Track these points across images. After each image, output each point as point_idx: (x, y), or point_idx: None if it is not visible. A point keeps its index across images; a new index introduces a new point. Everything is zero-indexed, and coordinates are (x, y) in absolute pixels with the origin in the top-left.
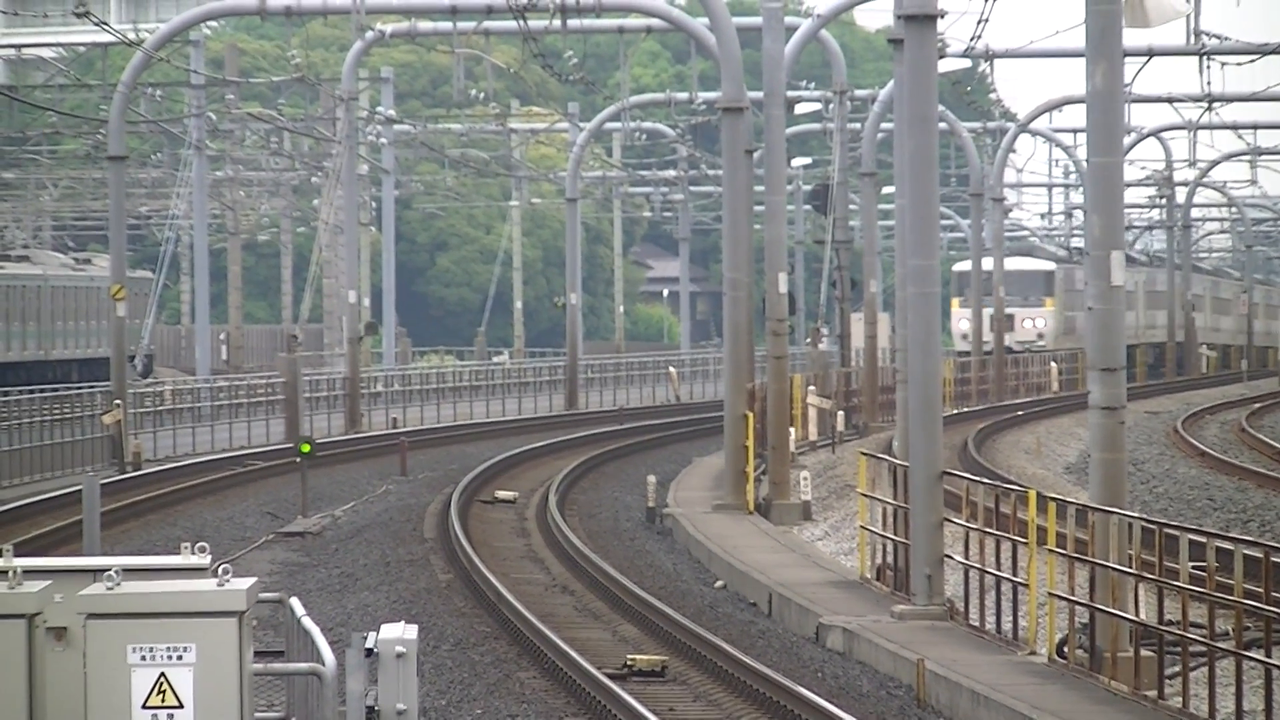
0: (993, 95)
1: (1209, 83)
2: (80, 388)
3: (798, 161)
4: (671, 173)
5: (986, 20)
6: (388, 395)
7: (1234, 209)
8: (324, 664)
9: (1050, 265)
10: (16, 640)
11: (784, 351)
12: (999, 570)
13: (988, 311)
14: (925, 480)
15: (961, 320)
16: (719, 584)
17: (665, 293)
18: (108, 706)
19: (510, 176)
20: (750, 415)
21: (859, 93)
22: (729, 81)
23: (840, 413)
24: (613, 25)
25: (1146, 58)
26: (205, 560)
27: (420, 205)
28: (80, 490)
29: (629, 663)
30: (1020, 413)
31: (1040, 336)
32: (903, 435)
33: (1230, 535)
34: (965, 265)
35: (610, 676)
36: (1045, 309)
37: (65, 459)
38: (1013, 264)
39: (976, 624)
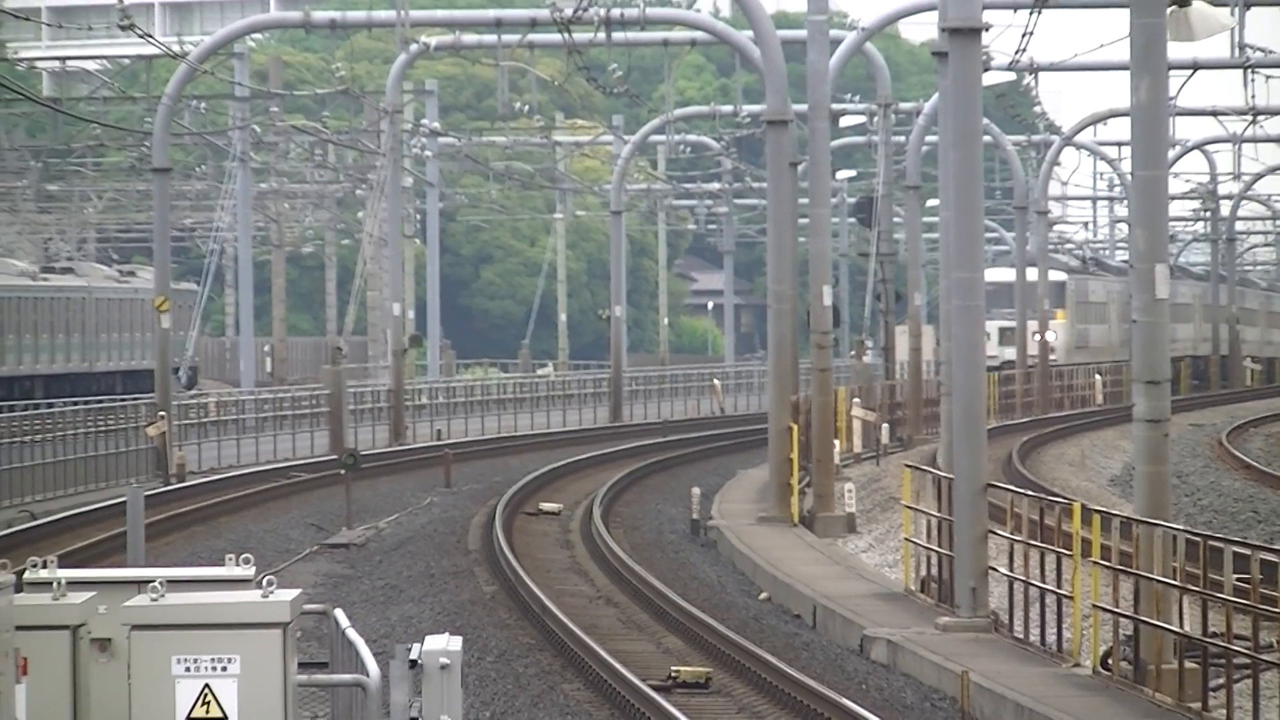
0: (1037, 108)
1: (1253, 96)
2: (125, 400)
3: (842, 174)
4: (716, 185)
5: (1031, 33)
6: (432, 407)
7: (1279, 222)
8: (368, 675)
9: (1061, 276)
10: (61, 652)
11: (828, 364)
12: (1043, 582)
13: (993, 325)
14: (969, 492)
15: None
16: (763, 596)
17: (710, 305)
18: (152, 718)
19: (554, 189)
20: (794, 428)
21: (903, 106)
22: (773, 94)
23: (885, 425)
24: (657, 38)
25: (1191, 71)
26: (249, 572)
27: (464, 218)
28: (124, 502)
29: (673, 674)
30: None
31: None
32: (947, 448)
33: (1275, 548)
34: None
35: (654, 688)
36: (1057, 321)
37: (109, 471)
38: (1004, 275)
39: (1021, 636)
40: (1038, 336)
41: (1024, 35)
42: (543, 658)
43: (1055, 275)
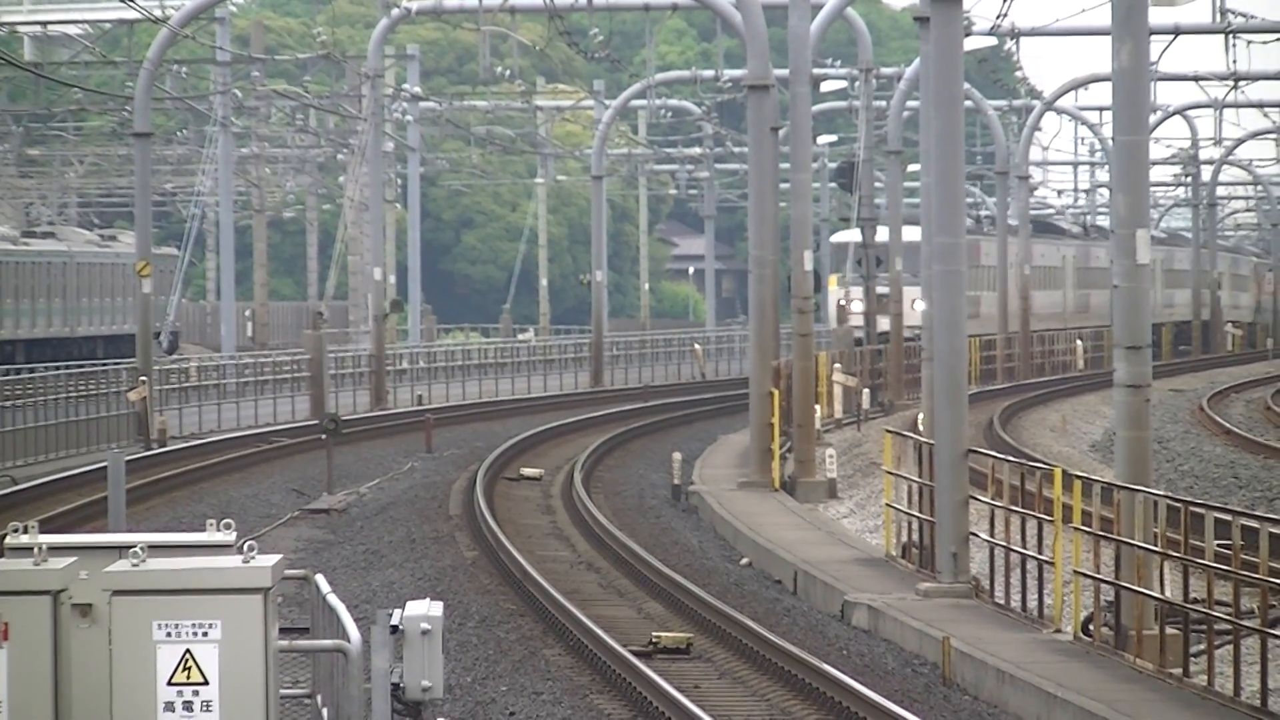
0: (1018, 73)
1: (1234, 61)
2: (105, 364)
3: (823, 139)
4: (697, 150)
5: None
6: (413, 372)
7: (1259, 187)
8: (349, 641)
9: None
10: (42, 617)
11: (809, 329)
12: (1024, 548)
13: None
14: (951, 458)
15: (840, 300)
16: (744, 561)
17: (690, 270)
18: (133, 683)
19: (536, 154)
20: (776, 393)
21: (885, 71)
22: (755, 59)
23: (866, 390)
24: (638, 2)
25: (1172, 36)
26: (230, 537)
27: (446, 182)
28: (105, 467)
29: (654, 640)
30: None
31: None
32: (928, 413)
33: (1256, 513)
34: (845, 236)
35: (635, 654)
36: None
37: (90, 436)
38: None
39: (1002, 602)
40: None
41: (1005, 0)
42: (524, 623)
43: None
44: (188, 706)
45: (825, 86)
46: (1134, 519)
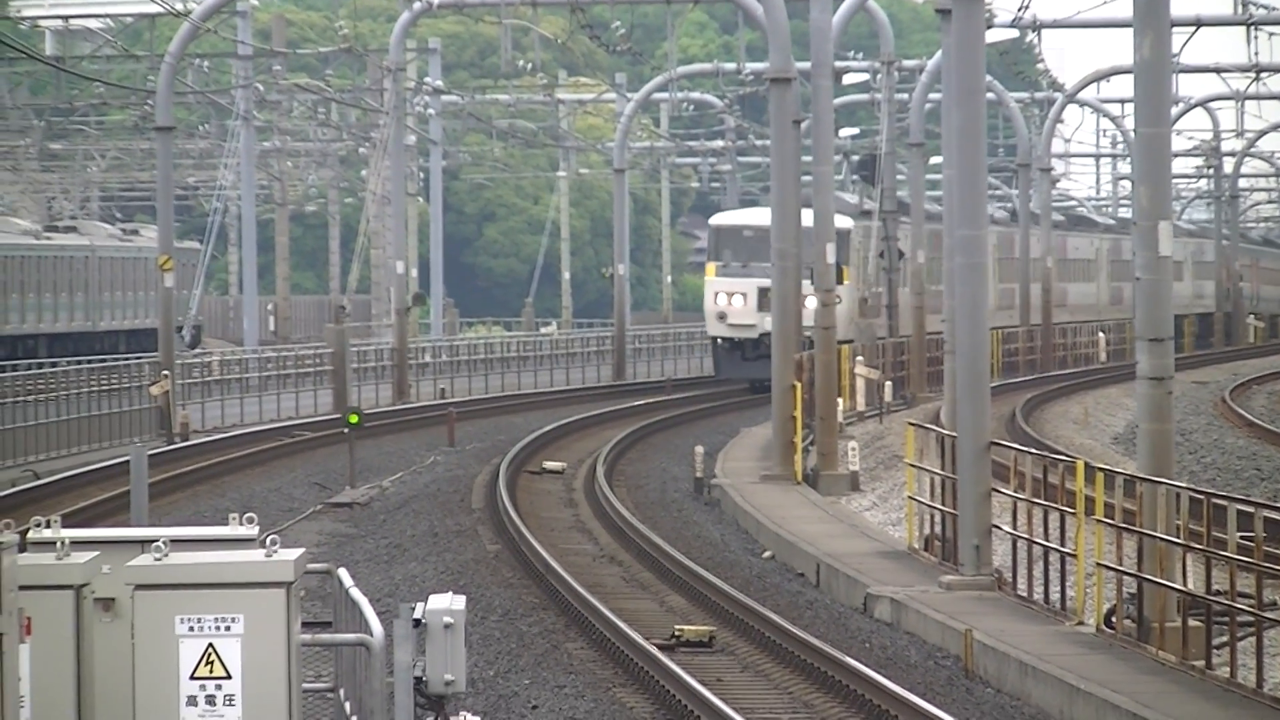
0: (1040, 65)
1: (1256, 53)
2: (128, 358)
3: (845, 132)
4: (719, 143)
5: None
6: (435, 366)
7: None
8: (372, 635)
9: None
10: (64, 611)
11: (832, 321)
12: (1047, 540)
13: (749, 284)
14: (973, 450)
15: (720, 294)
16: (767, 554)
17: None
18: (156, 677)
19: (558, 147)
20: (798, 386)
21: (906, 63)
22: (776, 52)
23: (888, 383)
24: None
25: (1194, 28)
26: (253, 531)
27: (468, 176)
28: (128, 461)
29: (677, 633)
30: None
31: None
32: (950, 406)
33: (1278, 505)
34: (728, 218)
35: (658, 647)
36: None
37: (113, 430)
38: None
39: (1024, 594)
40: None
41: None
42: (546, 616)
43: (841, 221)
44: (210, 700)
45: (847, 79)
46: (1156, 511)
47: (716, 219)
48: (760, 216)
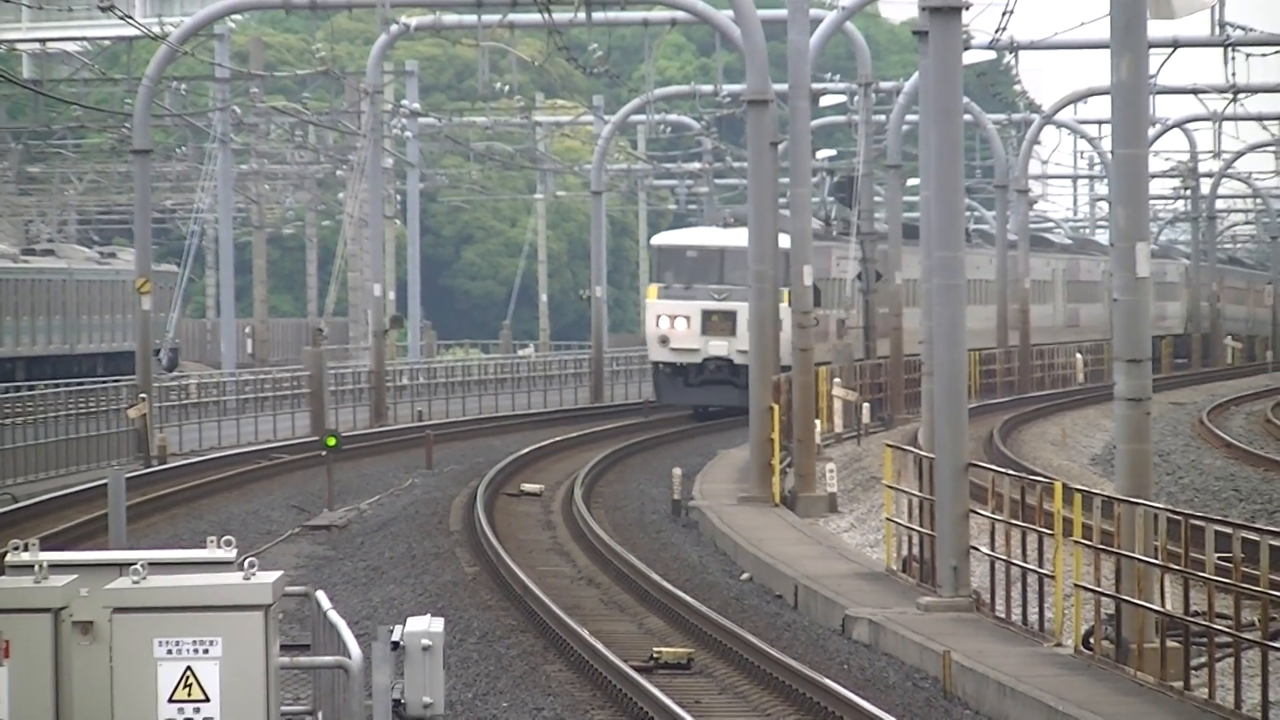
0: (1017, 87)
1: (1234, 74)
2: (105, 382)
3: (822, 154)
4: (696, 165)
5: (1011, 12)
6: (413, 388)
7: (1259, 200)
8: (350, 657)
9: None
10: (43, 634)
11: (809, 344)
12: (1025, 562)
13: (692, 306)
14: (951, 472)
15: (662, 317)
16: (745, 576)
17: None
18: (134, 700)
19: (535, 169)
20: (776, 408)
21: (884, 85)
22: (754, 74)
23: (866, 405)
24: (638, 18)
25: (1171, 49)
26: (231, 554)
27: (445, 198)
28: (106, 484)
29: (655, 655)
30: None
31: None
32: (928, 427)
33: (1256, 526)
34: (671, 237)
35: (636, 669)
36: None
37: (90, 453)
38: (704, 236)
39: (1003, 615)
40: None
41: (1004, 13)
42: (525, 639)
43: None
44: None
45: (824, 101)
46: (1135, 532)
47: (659, 239)
48: (705, 237)
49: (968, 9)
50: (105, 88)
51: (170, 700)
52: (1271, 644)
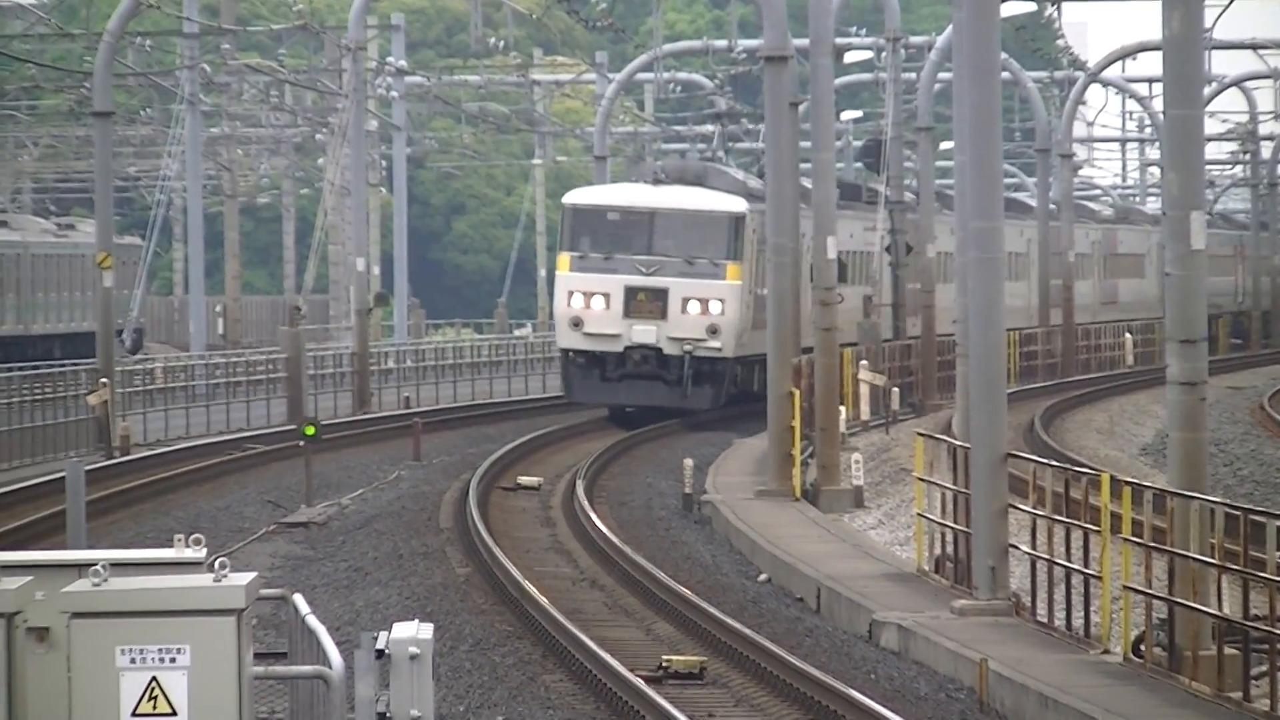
0: (1060, 42)
1: None
2: (63, 365)
3: (847, 115)
4: (709, 128)
5: None
6: (400, 372)
7: None
8: (330, 666)
9: (741, 206)
10: None
11: (833, 322)
12: (1069, 561)
13: (619, 281)
14: (988, 463)
15: (575, 294)
16: (762, 577)
17: None
18: (94, 713)
19: (533, 133)
20: (796, 393)
21: (914, 40)
22: (772, 27)
23: (895, 389)
24: None
25: (1228, 0)
26: (200, 554)
27: (435, 164)
28: (63, 477)
29: (664, 664)
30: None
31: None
32: (963, 414)
33: None
34: (587, 195)
35: (644, 679)
36: (727, 280)
37: (47, 443)
38: (696, 199)
39: (1044, 620)
40: (699, 306)
41: None
42: (522, 646)
43: (733, 204)
44: None
45: (849, 57)
46: (1189, 529)
47: (571, 196)
48: (630, 195)
49: None
50: (62, 44)
51: (134, 714)
52: None
